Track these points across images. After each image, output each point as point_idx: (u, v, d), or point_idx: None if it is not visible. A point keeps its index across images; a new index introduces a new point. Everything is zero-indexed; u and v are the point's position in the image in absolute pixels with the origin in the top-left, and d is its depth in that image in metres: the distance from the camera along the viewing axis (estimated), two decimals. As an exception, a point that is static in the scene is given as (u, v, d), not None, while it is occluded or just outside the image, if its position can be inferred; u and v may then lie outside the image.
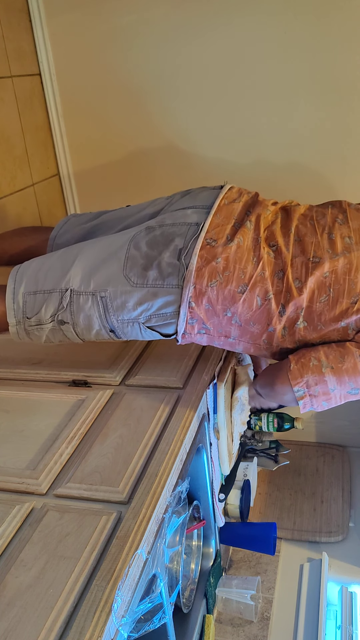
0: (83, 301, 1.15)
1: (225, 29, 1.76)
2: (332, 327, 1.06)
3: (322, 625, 1.50)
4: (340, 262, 1.07)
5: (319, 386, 1.05)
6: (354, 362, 1.03)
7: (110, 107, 1.96)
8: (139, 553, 0.88)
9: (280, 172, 1.89)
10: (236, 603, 1.54)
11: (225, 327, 1.12)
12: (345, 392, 1.06)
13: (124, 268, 1.13)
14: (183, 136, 1.94)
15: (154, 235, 1.13)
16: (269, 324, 1.09)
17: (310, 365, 1.05)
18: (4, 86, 1.78)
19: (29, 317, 1.21)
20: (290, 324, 1.08)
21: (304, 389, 1.06)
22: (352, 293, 1.06)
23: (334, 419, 2.24)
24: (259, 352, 1.16)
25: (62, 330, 1.20)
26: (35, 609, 0.80)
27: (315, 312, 1.07)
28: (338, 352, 1.05)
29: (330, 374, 1.04)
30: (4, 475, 1.08)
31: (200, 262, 1.08)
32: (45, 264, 1.23)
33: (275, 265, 1.08)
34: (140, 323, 1.15)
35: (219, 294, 1.08)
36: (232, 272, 1.07)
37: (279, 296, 1.07)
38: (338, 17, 1.67)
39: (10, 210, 1.84)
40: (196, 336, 1.16)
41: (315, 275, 1.06)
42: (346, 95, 1.75)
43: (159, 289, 1.10)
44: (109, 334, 1.19)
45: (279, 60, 1.76)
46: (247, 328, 1.11)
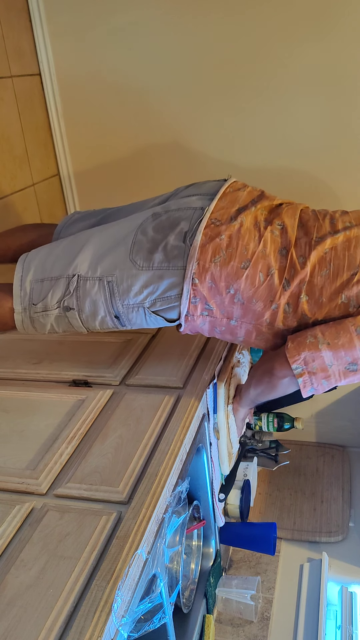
0: (90, 286, 1.17)
1: (225, 29, 1.76)
2: (333, 301, 1.08)
3: (322, 625, 1.50)
4: (340, 238, 1.10)
5: (317, 362, 1.05)
6: (349, 337, 1.04)
7: (110, 107, 1.96)
8: (139, 553, 0.88)
9: (282, 173, 1.89)
10: (236, 603, 1.54)
11: (227, 307, 1.13)
12: (343, 368, 1.06)
13: (130, 252, 1.15)
14: (183, 136, 1.94)
15: (160, 220, 1.16)
16: (272, 300, 1.10)
17: (307, 342, 1.06)
18: (4, 86, 1.78)
19: (35, 304, 1.22)
20: (294, 300, 1.09)
21: (301, 366, 1.06)
22: (352, 266, 1.08)
23: (334, 419, 2.24)
24: (260, 336, 1.16)
25: (67, 318, 1.21)
26: (35, 609, 0.80)
27: (316, 286, 1.08)
28: (334, 329, 1.06)
29: (326, 349, 1.04)
30: (4, 475, 1.08)
31: (204, 239, 1.10)
32: (53, 251, 1.24)
33: (279, 244, 1.11)
34: (145, 308, 1.15)
35: (222, 270, 1.10)
36: (235, 248, 1.10)
37: (282, 272, 1.09)
38: (340, 17, 1.67)
39: (11, 210, 1.84)
40: (199, 319, 1.16)
41: (317, 250, 1.09)
42: (349, 95, 1.75)
43: (164, 271, 1.12)
44: (114, 321, 1.19)
45: (279, 60, 1.76)
46: (249, 306, 1.11)
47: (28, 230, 1.56)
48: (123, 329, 1.23)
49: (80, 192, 2.12)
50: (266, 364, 1.17)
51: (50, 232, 1.50)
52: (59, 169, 2.09)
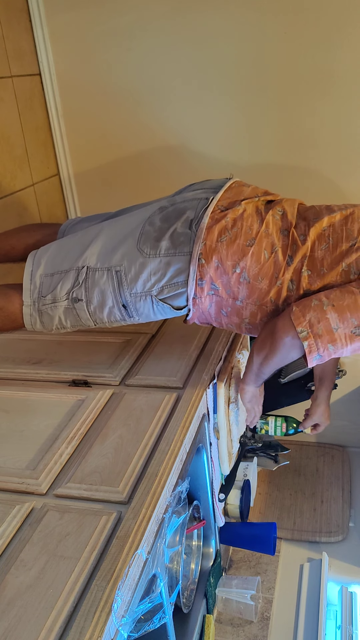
0: (98, 276, 1.19)
1: (225, 29, 1.76)
2: (334, 270, 1.09)
3: (322, 625, 1.50)
4: (337, 217, 1.14)
5: (322, 324, 1.04)
6: (354, 298, 1.05)
7: (110, 107, 1.96)
8: (139, 553, 0.88)
9: (282, 173, 1.89)
10: (236, 603, 1.54)
11: (233, 287, 1.15)
12: (349, 332, 1.04)
13: (137, 242, 1.18)
14: (183, 136, 1.94)
15: (167, 212, 1.20)
16: (276, 277, 1.12)
17: (312, 305, 1.06)
18: (4, 86, 1.78)
19: (44, 296, 1.24)
20: (297, 275, 1.11)
21: (307, 329, 1.05)
22: (350, 238, 1.11)
23: (334, 419, 2.22)
24: (265, 317, 1.17)
25: (75, 309, 1.23)
26: (35, 609, 0.80)
27: (317, 259, 1.11)
28: (338, 291, 1.07)
29: (331, 311, 1.04)
30: (4, 475, 1.08)
31: (210, 222, 1.14)
32: (63, 247, 1.27)
33: (280, 226, 1.15)
34: (152, 296, 1.18)
35: (229, 249, 1.13)
36: (240, 228, 1.13)
37: (286, 249, 1.12)
38: (340, 16, 1.67)
39: (11, 210, 1.84)
40: (206, 300, 1.17)
41: (315, 227, 1.12)
42: (348, 95, 1.75)
43: (171, 258, 1.15)
44: (121, 311, 1.21)
45: (279, 60, 1.76)
46: (255, 285, 1.13)
47: (32, 230, 1.57)
48: (130, 322, 1.24)
49: (80, 192, 2.12)
50: (268, 327, 1.15)
51: (55, 232, 1.52)
52: (59, 169, 2.09)
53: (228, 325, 1.24)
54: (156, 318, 1.23)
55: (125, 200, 1.60)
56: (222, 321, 1.23)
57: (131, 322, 1.25)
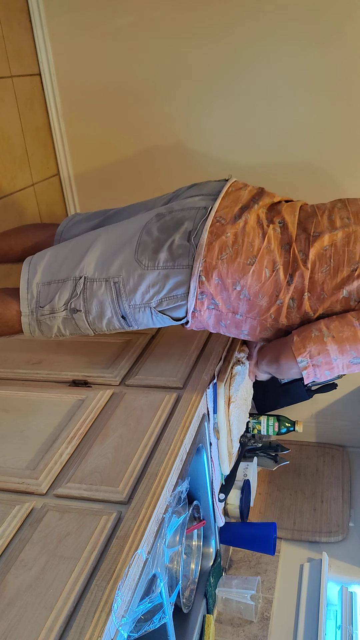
0: (96, 287, 1.18)
1: (225, 28, 1.76)
2: (334, 296, 1.09)
3: (322, 625, 1.50)
4: (339, 235, 1.12)
5: (322, 356, 1.07)
6: (354, 330, 1.05)
7: (110, 107, 1.96)
8: (139, 553, 0.88)
9: (285, 171, 1.89)
10: (236, 603, 1.54)
11: (233, 302, 1.14)
12: (347, 362, 1.07)
13: (135, 253, 1.16)
14: (183, 136, 1.94)
15: (164, 221, 1.17)
16: (277, 295, 1.11)
17: (312, 336, 1.07)
18: (4, 86, 1.78)
19: (42, 306, 1.23)
20: (299, 295, 1.11)
21: (307, 359, 1.08)
22: (351, 262, 1.09)
23: (334, 419, 2.24)
24: (264, 331, 1.17)
25: (74, 320, 1.22)
26: (35, 609, 0.80)
27: (317, 282, 1.10)
28: (338, 322, 1.07)
29: (331, 343, 1.06)
30: (4, 475, 1.08)
31: (210, 237, 1.12)
32: (59, 254, 1.25)
33: (281, 240, 1.13)
34: (151, 307, 1.16)
35: (229, 267, 1.11)
36: (241, 245, 1.11)
37: (287, 266, 1.11)
38: (339, 14, 1.67)
39: (11, 210, 1.84)
40: (205, 313, 1.16)
41: (315, 247, 1.11)
42: (348, 94, 1.75)
43: (170, 270, 1.13)
44: (120, 322, 1.20)
45: (279, 58, 1.76)
46: (255, 302, 1.13)
47: (30, 231, 1.56)
48: (129, 330, 1.23)
49: (80, 192, 2.12)
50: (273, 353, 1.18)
51: (53, 233, 1.51)
52: (59, 169, 2.09)
53: (226, 333, 1.24)
54: (155, 326, 1.23)
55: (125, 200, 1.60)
56: (219, 330, 1.23)
57: (130, 330, 1.24)
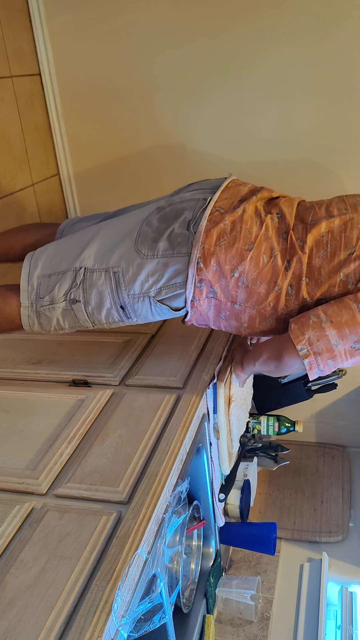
0: (96, 277, 1.19)
1: (225, 28, 1.76)
2: (332, 279, 1.09)
3: (322, 625, 1.50)
4: (336, 222, 1.12)
5: (322, 342, 1.06)
6: (352, 313, 1.04)
7: (110, 107, 1.96)
8: (139, 553, 0.88)
9: (283, 170, 1.89)
10: (236, 603, 1.54)
11: (232, 291, 1.14)
12: (349, 347, 1.06)
13: (135, 243, 1.17)
14: (183, 135, 1.94)
15: (164, 212, 1.19)
16: (275, 281, 1.11)
17: (310, 323, 1.07)
18: (4, 86, 1.78)
19: (42, 297, 1.24)
20: (297, 281, 1.11)
21: (306, 346, 1.07)
22: (348, 246, 1.10)
23: (334, 419, 2.24)
24: (264, 322, 1.17)
25: (73, 311, 1.22)
26: (35, 609, 0.80)
27: (315, 267, 1.10)
28: (336, 307, 1.06)
29: (330, 328, 1.05)
30: (4, 475, 1.08)
31: (208, 225, 1.13)
32: (61, 248, 1.27)
33: (278, 228, 1.14)
34: (150, 297, 1.17)
35: (227, 253, 1.12)
36: (239, 231, 1.12)
37: (284, 253, 1.11)
38: (338, 13, 1.67)
39: (10, 210, 1.84)
40: (204, 303, 1.16)
41: (312, 234, 1.11)
42: (347, 93, 1.75)
43: (169, 259, 1.14)
44: (119, 312, 1.21)
45: (279, 57, 1.76)
46: (253, 289, 1.13)
47: (31, 230, 1.57)
48: (128, 323, 1.24)
49: (80, 192, 2.12)
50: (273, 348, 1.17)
51: (53, 232, 1.52)
52: (58, 169, 2.09)
53: (227, 327, 1.23)
54: (154, 319, 1.23)
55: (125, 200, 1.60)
56: (220, 324, 1.22)
57: (129, 324, 1.24)
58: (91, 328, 1.26)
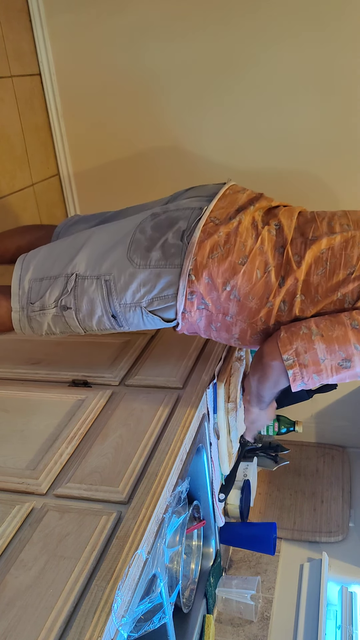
0: (87, 285, 1.16)
1: (225, 30, 1.76)
2: (329, 298, 1.06)
3: (322, 625, 1.50)
4: (337, 239, 1.09)
5: (309, 354, 1.03)
6: (344, 330, 1.01)
7: (110, 107, 1.96)
8: (139, 553, 0.88)
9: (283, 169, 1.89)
10: (236, 603, 1.54)
11: (223, 303, 1.11)
12: (335, 364, 1.03)
13: (128, 251, 1.14)
14: (183, 136, 1.94)
15: (159, 219, 1.16)
16: (267, 297, 1.09)
17: (300, 333, 1.04)
18: (4, 86, 1.78)
19: (33, 302, 1.22)
20: (290, 298, 1.08)
21: (293, 357, 1.04)
22: (348, 265, 1.06)
23: (334, 419, 2.24)
24: (255, 335, 1.14)
25: (64, 317, 1.20)
26: (35, 609, 0.80)
27: (312, 285, 1.07)
28: (329, 321, 1.03)
29: (319, 342, 1.02)
30: (4, 475, 1.08)
31: (202, 236, 1.10)
32: (53, 251, 1.24)
33: (275, 242, 1.10)
34: (142, 307, 1.14)
35: (220, 266, 1.09)
36: (233, 244, 1.09)
37: (279, 269, 1.08)
38: (339, 19, 1.67)
39: (10, 210, 1.84)
40: (195, 314, 1.14)
41: (312, 250, 1.08)
42: (349, 98, 1.75)
43: (161, 270, 1.11)
44: (111, 321, 1.18)
45: (279, 61, 1.76)
46: (245, 303, 1.10)
47: (27, 232, 1.56)
48: (120, 330, 1.22)
49: (80, 192, 2.12)
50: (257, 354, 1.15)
51: (50, 234, 1.50)
52: (58, 169, 2.09)
53: (217, 338, 1.21)
54: (146, 327, 1.20)
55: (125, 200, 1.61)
56: (211, 334, 1.20)
57: (121, 331, 1.22)
58: (83, 334, 1.24)
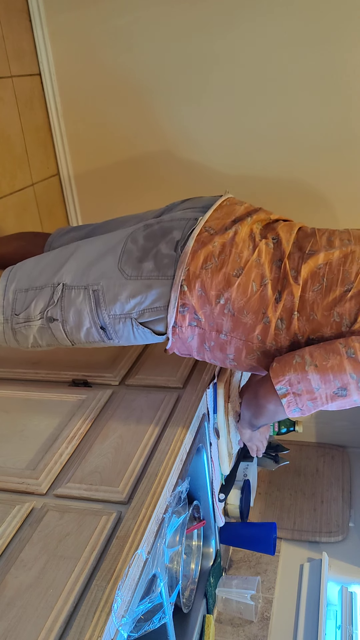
0: (74, 295, 1.11)
1: (225, 29, 1.77)
2: (325, 319, 1.02)
3: (322, 625, 1.50)
4: (335, 254, 1.04)
5: (302, 384, 0.99)
6: (339, 360, 0.96)
7: (110, 107, 1.96)
8: (139, 553, 0.88)
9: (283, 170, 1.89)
10: (236, 603, 1.54)
11: (217, 319, 1.06)
12: (331, 392, 0.99)
13: (119, 262, 1.10)
14: (183, 136, 1.94)
15: (152, 230, 1.12)
16: (264, 313, 1.03)
17: (293, 363, 1.00)
18: (4, 86, 1.78)
19: (18, 314, 1.17)
20: (288, 315, 1.03)
21: (286, 387, 1.00)
22: (345, 282, 1.02)
23: (334, 420, 2.24)
24: (251, 355, 1.09)
25: (50, 329, 1.16)
26: (35, 609, 0.80)
27: (307, 302, 1.02)
28: (324, 350, 0.98)
29: (313, 372, 0.98)
30: (4, 475, 1.08)
31: (196, 246, 1.06)
32: (40, 262, 1.20)
33: (273, 255, 1.06)
34: (132, 318, 1.09)
35: (214, 278, 1.04)
36: (228, 255, 1.04)
37: (276, 283, 1.03)
38: (340, 19, 1.67)
39: (10, 210, 1.84)
40: (187, 331, 1.09)
41: (309, 264, 1.04)
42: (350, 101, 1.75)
43: (153, 281, 1.07)
44: (100, 333, 1.13)
45: (279, 61, 1.76)
46: (240, 319, 1.05)
47: (23, 240, 1.53)
48: (110, 344, 1.17)
49: (80, 192, 2.13)
50: (252, 388, 1.13)
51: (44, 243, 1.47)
52: (58, 169, 2.09)
53: (211, 360, 1.16)
54: (137, 342, 1.15)
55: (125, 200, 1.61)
56: (204, 355, 1.14)
57: (111, 345, 1.17)
58: (70, 347, 1.19)
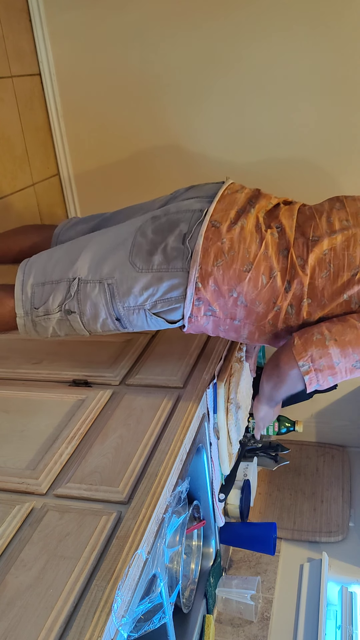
0: (90, 289, 1.17)
1: (225, 28, 1.76)
2: (335, 301, 1.08)
3: (322, 625, 1.50)
4: (338, 239, 1.10)
5: (324, 359, 1.05)
6: (356, 333, 1.04)
7: (110, 107, 1.96)
8: (139, 553, 0.88)
9: (283, 170, 1.89)
10: (236, 603, 1.54)
11: (231, 309, 1.13)
12: (350, 365, 1.06)
13: (130, 255, 1.15)
14: (183, 135, 1.94)
15: (159, 223, 1.16)
16: (274, 302, 1.10)
17: (314, 339, 1.06)
18: (4, 86, 1.78)
19: (37, 308, 1.22)
20: (297, 302, 1.09)
21: (308, 363, 1.06)
22: (352, 266, 1.08)
23: (334, 419, 2.24)
24: (263, 336, 1.16)
25: (68, 321, 1.21)
26: (35, 609, 0.80)
27: (317, 288, 1.09)
28: (340, 325, 1.06)
29: (334, 346, 1.04)
30: (4, 475, 1.08)
31: (205, 243, 1.10)
32: (54, 255, 1.25)
33: (279, 245, 1.11)
34: (146, 310, 1.15)
35: (225, 274, 1.10)
36: (237, 251, 1.10)
37: (284, 273, 1.09)
38: (340, 14, 1.67)
39: (11, 210, 1.84)
40: (202, 319, 1.16)
41: (315, 252, 1.09)
42: (348, 93, 1.75)
43: (164, 274, 1.12)
44: (115, 323, 1.20)
45: (280, 58, 1.76)
46: (252, 308, 1.12)
47: (29, 232, 1.56)
48: (124, 331, 1.23)
49: (80, 192, 2.13)
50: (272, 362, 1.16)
51: (51, 235, 1.50)
52: (59, 169, 2.09)
53: (225, 337, 1.23)
54: (150, 329, 1.22)
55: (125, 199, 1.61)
56: (219, 334, 1.22)
57: (125, 331, 1.23)
58: (87, 336, 1.25)
